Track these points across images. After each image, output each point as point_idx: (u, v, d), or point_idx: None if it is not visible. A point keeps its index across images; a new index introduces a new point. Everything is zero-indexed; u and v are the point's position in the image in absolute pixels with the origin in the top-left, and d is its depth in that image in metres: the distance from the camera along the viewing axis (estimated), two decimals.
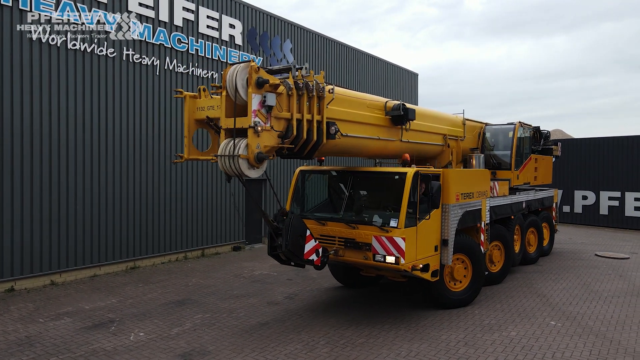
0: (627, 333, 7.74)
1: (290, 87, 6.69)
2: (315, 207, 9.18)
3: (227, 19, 14.30)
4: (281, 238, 7.07)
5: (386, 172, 8.60)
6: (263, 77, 6.31)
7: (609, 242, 17.29)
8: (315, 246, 7.49)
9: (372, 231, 7.75)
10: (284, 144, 6.73)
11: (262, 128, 6.34)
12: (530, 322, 8.24)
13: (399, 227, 7.55)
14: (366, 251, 7.79)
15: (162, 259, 12.66)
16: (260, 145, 6.37)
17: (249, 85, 6.28)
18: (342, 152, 8.62)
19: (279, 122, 6.70)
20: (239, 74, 6.38)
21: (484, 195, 9.82)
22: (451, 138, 10.86)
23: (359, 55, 20.91)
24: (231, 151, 6.35)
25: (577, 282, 11.20)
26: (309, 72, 6.98)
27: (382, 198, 8.65)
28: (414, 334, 7.62)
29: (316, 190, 9.37)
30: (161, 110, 12.60)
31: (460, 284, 9.23)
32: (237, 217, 15.41)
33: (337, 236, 8.15)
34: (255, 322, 8.11)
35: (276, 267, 12.49)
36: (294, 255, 7.26)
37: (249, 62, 6.39)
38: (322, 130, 7.16)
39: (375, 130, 8.49)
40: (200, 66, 13.60)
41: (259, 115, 6.34)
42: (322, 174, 9.33)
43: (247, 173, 6.39)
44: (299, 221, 7.32)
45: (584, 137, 24.43)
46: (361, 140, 8.24)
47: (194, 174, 13.52)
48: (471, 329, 7.91)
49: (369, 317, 8.41)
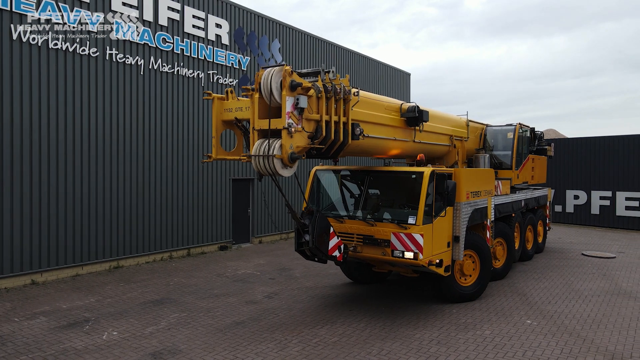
0: (601, 332, 7.74)
1: (319, 90, 6.93)
2: (332, 205, 9.42)
3: (213, 18, 14.31)
4: (307, 235, 7.35)
5: (403, 172, 8.87)
6: (296, 80, 6.56)
7: (598, 242, 17.30)
8: (337, 243, 7.82)
9: (391, 228, 8.05)
10: (313, 144, 6.99)
11: (295, 129, 6.58)
12: (507, 321, 8.25)
13: (417, 224, 7.86)
14: (385, 247, 8.10)
15: (147, 258, 12.67)
16: (293, 146, 6.61)
17: (282, 88, 6.51)
18: (362, 152, 8.88)
19: (309, 124, 6.95)
20: (273, 77, 6.59)
21: (489, 194, 10.24)
22: (457, 139, 11.19)
23: (351, 55, 20.93)
24: (266, 151, 6.57)
25: (559, 281, 11.20)
26: (335, 76, 7.24)
27: (398, 196, 8.98)
28: (388, 333, 7.62)
29: (332, 189, 9.60)
30: (146, 109, 12.61)
31: (470, 278, 9.54)
32: (267, 214, 16.27)
33: (355, 233, 8.48)
34: (231, 321, 8.11)
35: (260, 266, 12.52)
36: (319, 251, 7.55)
37: (282, 66, 6.58)
38: (348, 132, 7.43)
39: (392, 131, 8.83)
40: (186, 66, 13.61)
41: (292, 117, 6.58)
42: (338, 173, 9.57)
43: (281, 172, 6.62)
44: (324, 219, 7.60)
45: (575, 137, 24.45)
46: (380, 141, 8.57)
47: (181, 173, 13.53)
48: (446, 327, 7.92)
49: (345, 316, 8.42)
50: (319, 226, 7.40)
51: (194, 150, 13.93)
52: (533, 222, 14.15)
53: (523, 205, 12.95)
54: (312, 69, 7.36)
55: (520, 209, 12.78)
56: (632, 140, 21.40)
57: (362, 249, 8.42)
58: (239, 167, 15.39)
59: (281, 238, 17.13)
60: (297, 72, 6.95)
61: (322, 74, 7.10)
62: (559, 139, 26.48)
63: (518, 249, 12.76)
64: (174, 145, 13.37)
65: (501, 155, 13.18)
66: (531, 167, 14.66)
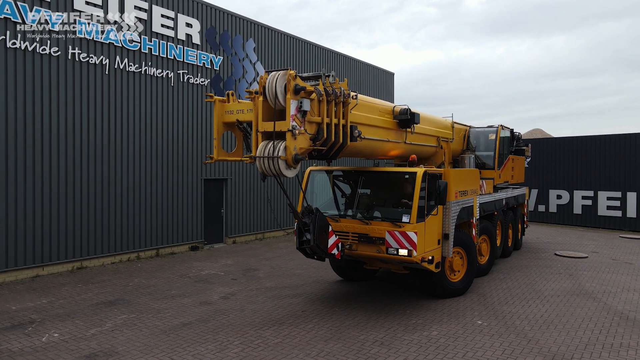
0: (549, 332, 7.68)
1: (321, 93, 7.14)
2: (327, 205, 9.59)
3: (183, 17, 14.24)
4: (308, 234, 7.61)
5: (396, 172, 9.15)
6: (299, 84, 6.77)
7: (576, 242, 17.24)
8: (336, 241, 8.10)
9: (386, 226, 8.34)
10: (315, 146, 7.20)
11: (298, 131, 6.76)
12: (457, 322, 8.18)
13: (411, 222, 8.16)
14: (380, 245, 8.37)
15: (113, 259, 12.60)
16: (297, 148, 6.80)
17: (287, 91, 6.73)
18: (358, 153, 9.08)
19: (311, 126, 7.14)
20: (278, 81, 6.79)
21: (475, 193, 10.68)
22: (443, 140, 11.52)
23: (331, 55, 20.86)
24: (270, 153, 6.77)
25: (524, 281, 11.14)
26: (335, 80, 7.44)
27: (392, 196, 9.23)
28: (334, 334, 7.55)
29: (327, 189, 9.82)
30: (111, 108, 12.53)
31: (458, 274, 9.90)
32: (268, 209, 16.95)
33: (350, 232, 8.72)
34: (179, 322, 8.05)
35: (226, 266, 12.46)
36: (319, 249, 7.80)
37: (286, 70, 6.78)
38: (347, 134, 7.65)
39: (386, 133, 9.09)
40: (154, 65, 13.54)
41: (296, 119, 6.75)
42: (332, 173, 9.80)
43: (285, 173, 6.83)
44: (323, 218, 7.87)
45: (558, 137, 24.39)
46: (375, 142, 8.82)
47: (149, 173, 13.46)
48: (394, 328, 7.86)
49: (295, 317, 8.35)
50: (319, 225, 7.65)
51: (163, 150, 13.86)
52: (513, 220, 14.63)
53: (504, 204, 13.47)
54: (313, 73, 7.54)
55: (502, 208, 13.30)
56: (613, 140, 21.34)
57: (357, 247, 8.66)
58: (211, 167, 15.33)
59: (256, 238, 17.06)
60: (299, 76, 7.11)
61: (323, 77, 7.31)
62: (541, 139, 26.46)
63: (500, 246, 13.34)
64: (142, 145, 13.30)
65: (484, 156, 13.59)
66: (511, 167, 15.10)
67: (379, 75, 24.48)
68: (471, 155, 12.63)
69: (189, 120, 14.64)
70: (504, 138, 14.16)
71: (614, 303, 9.33)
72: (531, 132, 69.89)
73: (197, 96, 14.83)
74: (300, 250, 8.24)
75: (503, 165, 14.20)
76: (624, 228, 20.67)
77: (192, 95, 14.71)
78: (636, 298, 9.71)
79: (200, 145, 15.03)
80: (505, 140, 14.33)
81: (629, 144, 20.76)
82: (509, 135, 14.74)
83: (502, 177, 14.17)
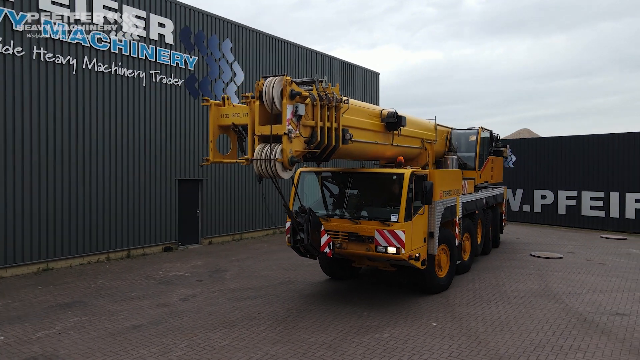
0: (502, 334, 7.59)
1: (315, 98, 7.44)
2: (317, 205, 9.77)
3: (156, 17, 14.16)
4: (302, 233, 7.90)
5: (384, 173, 9.46)
6: (295, 89, 7.03)
7: (555, 242, 17.16)
8: (328, 240, 8.41)
9: (375, 225, 8.64)
10: (310, 149, 7.51)
11: (294, 135, 7.06)
12: (412, 324, 8.10)
13: (399, 221, 8.48)
14: (369, 243, 8.66)
15: (81, 260, 12.51)
16: (292, 150, 7.09)
17: (283, 96, 6.98)
18: (348, 155, 9.34)
19: (305, 129, 7.44)
20: (275, 87, 7.03)
21: (458, 193, 11.12)
22: (427, 141, 11.83)
23: (314, 55, 20.80)
24: (267, 155, 7.04)
25: (491, 282, 11.06)
26: (327, 85, 7.73)
27: (380, 196, 9.54)
28: (284, 336, 7.47)
29: (317, 190, 10.05)
30: (79, 108, 12.45)
31: (444, 270, 10.26)
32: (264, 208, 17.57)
33: (340, 231, 9.00)
34: (130, 324, 7.96)
35: (195, 267, 12.37)
36: (312, 248, 8.08)
37: (283, 76, 7.02)
38: (339, 136, 7.95)
39: (374, 135, 9.38)
40: (125, 65, 13.45)
41: (292, 123, 7.03)
42: (322, 174, 10.04)
43: (282, 175, 7.13)
44: (316, 218, 8.18)
45: (543, 137, 24.29)
46: (365, 145, 9.11)
47: (120, 173, 13.37)
48: (347, 330, 7.77)
49: (250, 319, 8.27)
50: (312, 224, 7.94)
51: (135, 151, 13.77)
52: (493, 218, 15.15)
53: (485, 203, 14.00)
54: (307, 79, 7.80)
55: (483, 207, 13.80)
56: (595, 140, 21.26)
57: (347, 245, 8.93)
58: (185, 168, 15.25)
59: (233, 239, 16.98)
60: (294, 81, 7.35)
61: (317, 83, 7.61)
62: (526, 139, 26.41)
63: (480, 244, 13.94)
64: (112, 145, 13.21)
65: (465, 157, 13.98)
66: (491, 167, 15.53)
67: (364, 75, 24.42)
68: (454, 156, 13.06)
69: (163, 120, 14.56)
70: (484, 139, 14.53)
71: (575, 304, 9.25)
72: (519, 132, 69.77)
73: (170, 96, 14.75)
74: (294, 249, 8.49)
75: (483, 166, 14.63)
76: (607, 228, 20.59)
77: (166, 95, 14.62)
78: (600, 299, 9.63)
79: (175, 146, 14.95)
80: (485, 141, 14.71)
81: (611, 143, 20.68)
82: (488, 137, 15.13)
83: (482, 177, 14.58)
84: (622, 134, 20.45)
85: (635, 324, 8.10)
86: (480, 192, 13.98)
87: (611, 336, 7.53)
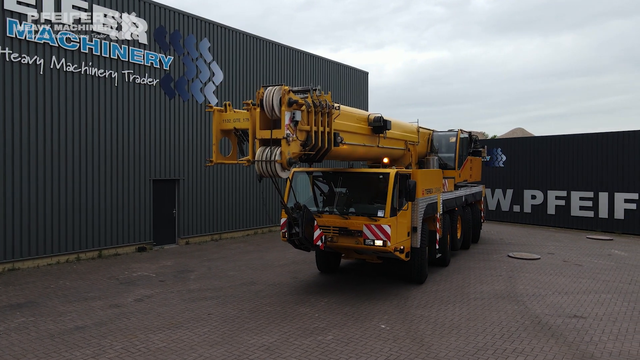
0: (448, 337, 7.42)
1: (310, 105, 8.12)
2: (309, 202, 10.33)
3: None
4: (297, 227, 8.55)
5: (371, 172, 10.18)
6: (292, 98, 7.71)
7: (539, 243, 16.89)
8: (320, 234, 9.07)
9: (363, 220, 9.32)
10: (305, 151, 8.18)
11: (292, 139, 7.73)
12: (360, 325, 7.95)
13: (385, 216, 9.20)
14: (358, 237, 9.34)
15: (50, 260, 12.48)
16: (290, 152, 7.73)
17: (282, 104, 7.66)
18: (338, 156, 10.03)
19: (301, 134, 8.11)
20: (275, 95, 7.72)
21: (439, 191, 11.92)
22: (410, 143, 12.52)
23: (301, 55, 20.69)
24: (268, 157, 7.74)
25: (458, 283, 10.87)
26: (320, 93, 8.44)
27: (367, 193, 10.20)
28: (225, 338, 7.36)
29: (309, 188, 10.72)
30: (47, 108, 12.43)
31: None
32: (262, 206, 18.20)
33: (331, 226, 9.63)
34: (74, 325, 7.88)
35: (163, 268, 12.31)
36: (306, 241, 8.77)
37: (281, 86, 7.73)
38: (331, 140, 8.66)
39: (362, 138, 10.09)
40: (96, 65, 13.42)
41: (289, 128, 7.70)
42: (313, 174, 10.67)
43: (281, 174, 7.83)
44: (310, 213, 8.83)
45: (533, 136, 23.98)
46: (354, 147, 9.78)
47: (91, 173, 13.34)
48: (292, 332, 7.64)
49: (197, 320, 8.17)
50: (306, 219, 8.60)
51: (107, 150, 13.73)
52: (472, 215, 15.86)
53: (464, 201, 14.69)
54: (302, 87, 8.49)
55: (462, 204, 14.49)
56: (585, 139, 20.94)
57: (337, 239, 9.59)
58: (161, 168, 15.20)
59: (212, 239, 16.91)
60: (291, 90, 7.99)
61: (311, 91, 8.33)
62: (515, 138, 26.09)
63: (460, 238, 14.56)
64: (83, 145, 13.17)
65: (445, 157, 14.74)
66: (469, 167, 16.42)
67: (353, 75, 24.27)
68: (435, 156, 13.80)
69: (137, 120, 14.52)
70: (463, 140, 15.24)
71: (535, 307, 9.04)
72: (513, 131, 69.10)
73: (145, 96, 14.70)
74: (290, 242, 9.19)
75: (462, 166, 15.36)
76: (595, 229, 20.26)
77: (140, 95, 14.58)
78: (562, 301, 9.42)
79: (150, 146, 14.90)
80: (464, 142, 15.41)
81: (600, 142, 20.34)
82: (467, 138, 15.87)
83: (462, 176, 15.36)
84: (612, 133, 20.11)
85: (589, 327, 7.89)
86: (460, 190, 14.59)
87: (560, 339, 7.33)
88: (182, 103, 15.89)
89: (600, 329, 7.84)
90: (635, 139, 19.20)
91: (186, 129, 16.05)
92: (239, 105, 17.24)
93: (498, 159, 24.12)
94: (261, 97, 7.87)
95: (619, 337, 7.48)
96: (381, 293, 9.98)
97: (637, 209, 19.09)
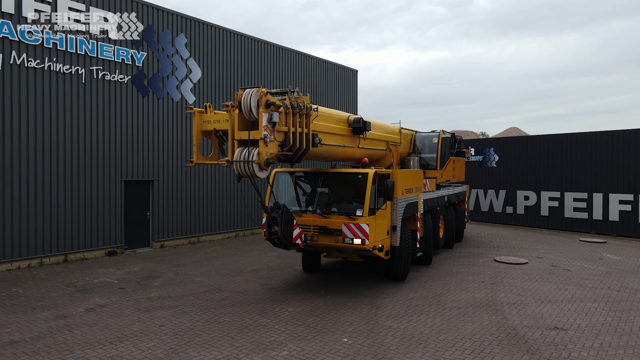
0: (413, 353, 6.78)
1: (287, 107, 8.23)
2: (290, 202, 10.39)
3: (96, 11, 13.50)
4: (277, 226, 8.65)
5: (351, 172, 10.22)
6: (270, 99, 7.78)
7: (529, 246, 16.25)
8: (299, 232, 9.17)
9: (342, 219, 9.39)
10: (283, 152, 8.24)
11: (269, 139, 7.83)
12: (322, 338, 7.32)
13: (363, 215, 9.28)
14: (337, 236, 9.41)
15: (9, 265, 11.87)
16: (268, 153, 7.82)
17: (259, 105, 7.76)
18: (318, 157, 10.08)
19: (279, 134, 8.21)
20: (252, 97, 7.82)
21: (419, 191, 11.95)
22: (392, 144, 12.66)
23: (289, 53, 20.12)
24: (246, 157, 7.84)
25: (435, 290, 10.23)
26: (299, 95, 8.53)
27: (347, 193, 10.27)
28: (170, 354, 6.71)
29: (290, 188, 10.74)
30: (6, 105, 11.82)
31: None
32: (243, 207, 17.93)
33: (311, 225, 9.67)
34: (9, 339, 7.25)
35: (128, 273, 11.70)
36: (285, 240, 8.85)
37: (259, 88, 7.83)
38: (309, 140, 8.81)
39: (341, 139, 10.23)
40: (61, 61, 12.81)
41: (267, 129, 7.81)
42: (294, 174, 10.69)
43: (258, 174, 7.93)
44: (289, 212, 8.95)
45: (526, 136, 23.32)
46: (333, 148, 9.93)
47: (55, 173, 12.72)
48: (244, 347, 7.01)
49: (146, 334, 7.53)
50: (285, 219, 8.70)
51: (73, 150, 13.12)
52: (455, 215, 15.89)
53: (446, 200, 14.75)
54: (280, 89, 8.56)
55: (444, 204, 14.56)
56: (578, 138, 20.29)
57: (317, 237, 9.61)
58: (133, 168, 14.58)
59: (189, 242, 16.29)
60: (269, 92, 8.07)
61: (289, 93, 8.42)
62: (508, 138, 25.41)
63: (442, 238, 14.72)
64: (46, 144, 12.56)
65: (428, 158, 14.86)
66: (452, 167, 16.30)
67: (342, 73, 23.67)
68: (416, 157, 13.93)
69: (106, 118, 13.91)
70: (445, 141, 15.31)
71: (514, 317, 8.40)
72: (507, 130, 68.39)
73: (115, 94, 14.09)
74: (269, 240, 9.21)
75: (445, 166, 15.39)
76: (590, 231, 19.60)
77: (110, 92, 13.97)
78: (544, 310, 8.77)
79: (121, 145, 14.29)
80: (446, 143, 15.46)
81: (594, 142, 19.69)
82: (450, 139, 15.94)
83: (444, 177, 15.36)
84: (605, 132, 19.46)
85: (569, 341, 7.25)
86: (442, 190, 14.66)
87: (535, 355, 6.69)
88: (157, 101, 15.28)
89: (580, 342, 7.20)
90: (630, 138, 18.55)
91: (161, 128, 15.43)
92: (218, 103, 16.65)
93: (490, 159, 23.49)
94: (239, 99, 7.97)
95: (600, 352, 6.83)
96: (352, 301, 9.36)
97: (632, 210, 18.43)
